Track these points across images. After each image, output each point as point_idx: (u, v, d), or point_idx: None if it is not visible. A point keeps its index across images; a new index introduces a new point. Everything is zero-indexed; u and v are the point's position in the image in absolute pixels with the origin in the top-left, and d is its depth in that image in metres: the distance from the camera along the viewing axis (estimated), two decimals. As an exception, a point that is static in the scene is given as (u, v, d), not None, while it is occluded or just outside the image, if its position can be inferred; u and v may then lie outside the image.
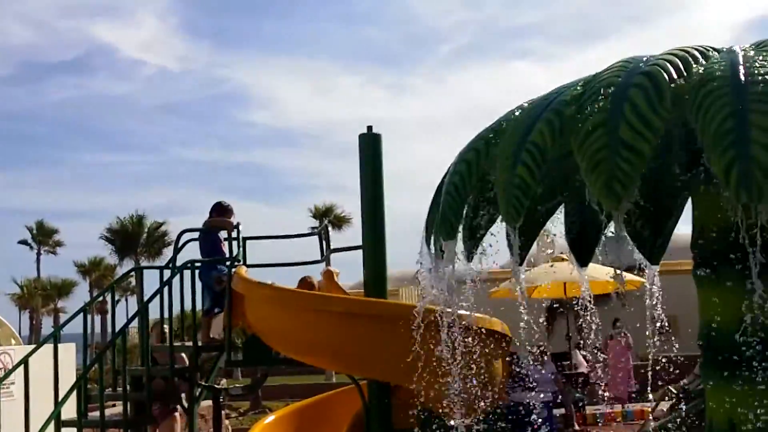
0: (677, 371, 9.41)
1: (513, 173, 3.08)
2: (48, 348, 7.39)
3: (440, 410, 6.73)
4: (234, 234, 8.58)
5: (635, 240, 3.79)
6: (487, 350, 6.37)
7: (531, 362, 14.66)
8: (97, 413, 7.83)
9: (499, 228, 4.16)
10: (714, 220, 3.43)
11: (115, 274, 56.07)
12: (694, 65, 2.86)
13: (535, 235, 4.01)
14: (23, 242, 66.18)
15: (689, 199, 3.69)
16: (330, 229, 9.87)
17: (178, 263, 8.51)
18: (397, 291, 18.72)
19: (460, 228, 3.76)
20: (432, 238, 4.12)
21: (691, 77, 2.80)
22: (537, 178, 3.09)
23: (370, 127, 7.33)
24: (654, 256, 3.87)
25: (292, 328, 7.14)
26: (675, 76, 2.80)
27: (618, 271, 4.24)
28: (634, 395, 16.25)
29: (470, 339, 6.03)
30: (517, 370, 14.29)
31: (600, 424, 14.91)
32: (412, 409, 7.10)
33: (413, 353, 6.14)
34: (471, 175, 3.46)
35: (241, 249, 8.63)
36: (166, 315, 8.09)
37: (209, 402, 16.08)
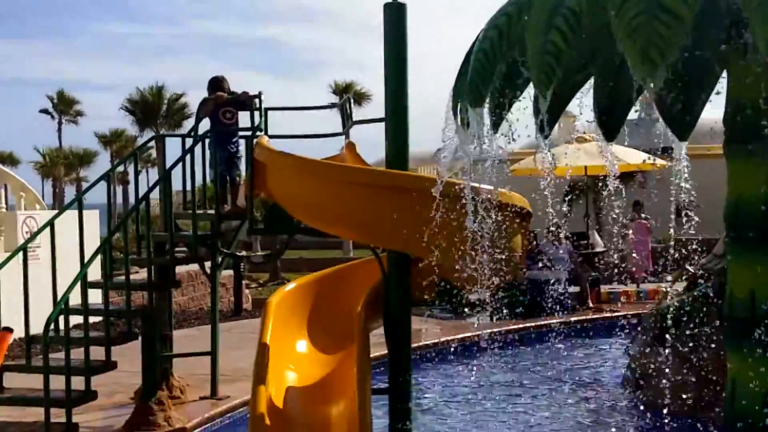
0: (696, 253, 9.49)
1: (546, 39, 3.01)
2: (72, 216, 7.49)
3: (458, 283, 6.83)
4: (255, 104, 8.55)
5: (664, 115, 3.73)
6: (507, 224, 6.40)
7: (548, 241, 14.80)
8: (122, 278, 8.00)
9: (523, 104, 4.10)
10: (749, 94, 3.37)
11: (135, 145, 56.35)
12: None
13: (562, 108, 3.95)
14: (44, 111, 66.41)
15: (722, 74, 3.61)
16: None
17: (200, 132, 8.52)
18: (416, 170, 18.74)
19: (488, 97, 3.71)
20: (458, 106, 4.08)
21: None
22: (571, 45, 3.02)
23: (394, -3, 7.15)
24: (683, 133, 3.81)
25: (314, 198, 7.17)
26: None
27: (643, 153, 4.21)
28: (652, 276, 16.44)
29: (491, 212, 6.07)
30: (535, 247, 14.47)
31: (614, 303, 15.13)
32: (431, 282, 7.21)
33: (434, 225, 6.20)
34: (501, 41, 3.39)
35: (262, 119, 8.60)
36: (188, 184, 8.14)
37: (230, 272, 16.48)
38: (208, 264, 8.88)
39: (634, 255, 15.78)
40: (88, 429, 7.07)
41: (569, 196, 22.16)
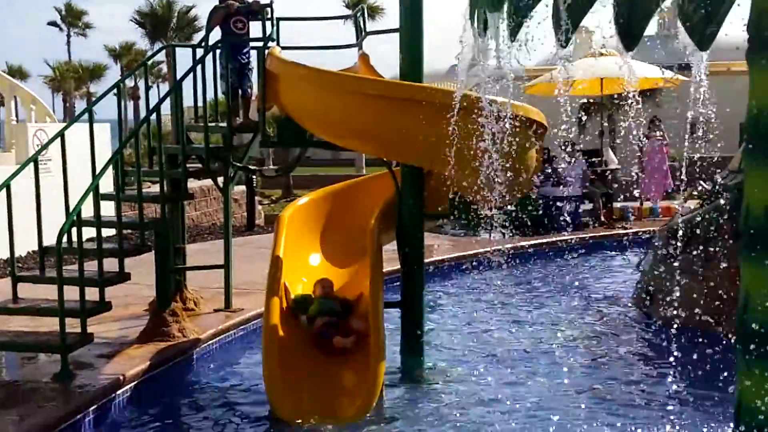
0: (711, 170, 9.39)
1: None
2: (83, 130, 7.41)
3: (472, 197, 6.79)
4: (267, 14, 8.37)
5: (686, 24, 3.61)
6: (522, 137, 6.31)
7: (562, 157, 14.68)
8: (134, 191, 7.98)
9: (541, 19, 3.97)
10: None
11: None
12: None
13: (582, 15, 3.82)
14: (53, 24, 65.70)
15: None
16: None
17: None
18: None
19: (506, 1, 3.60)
20: (476, 13, 3.96)
21: None
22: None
23: None
24: (704, 43, 3.69)
25: (328, 110, 7.08)
26: None
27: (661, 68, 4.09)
28: (668, 194, 16.35)
29: (506, 125, 5.98)
30: (549, 164, 14.38)
31: (626, 220, 15.09)
32: (444, 195, 7.18)
33: (448, 138, 6.11)
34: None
35: (274, 29, 8.44)
36: (199, 97, 8.03)
37: (243, 187, 16.50)
38: (220, 179, 8.85)
39: (643, 176, 15.67)
40: (103, 339, 7.15)
41: (584, 114, 21.96)
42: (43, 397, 5.94)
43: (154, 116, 7.56)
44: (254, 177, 16.40)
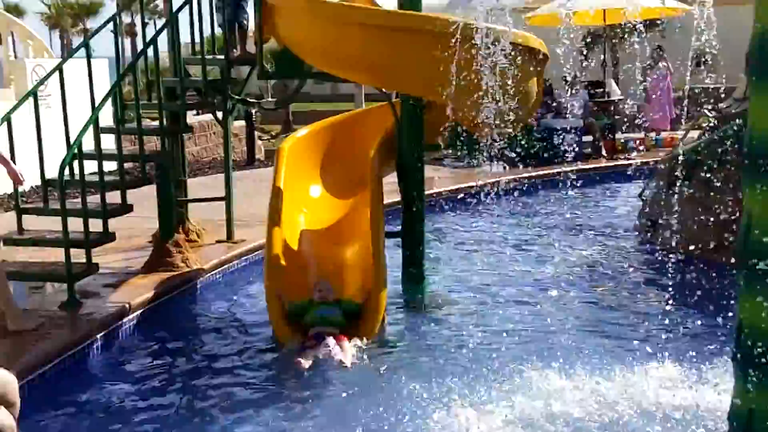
0: (715, 100, 9.36)
1: None
2: (81, 65, 7.36)
3: (472, 128, 6.78)
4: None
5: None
6: (522, 66, 6.27)
7: (564, 89, 14.61)
8: (133, 124, 7.98)
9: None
10: None
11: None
12: None
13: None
14: (46, -42, 64.60)
15: None
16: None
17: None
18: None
19: None
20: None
21: None
22: None
23: None
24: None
25: (326, 41, 7.01)
26: None
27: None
28: (671, 124, 16.29)
29: (506, 53, 5.94)
30: (550, 96, 14.31)
31: (628, 151, 15.04)
32: (443, 127, 7.16)
33: (448, 68, 6.07)
34: None
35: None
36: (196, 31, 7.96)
37: (242, 123, 16.44)
38: (220, 114, 8.83)
39: (647, 106, 15.60)
40: (108, 270, 7.23)
41: (587, 44, 21.74)
42: (52, 324, 6.05)
43: (151, 51, 7.51)
44: (253, 112, 16.34)
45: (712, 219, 7.70)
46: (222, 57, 8.42)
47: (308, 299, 6.29)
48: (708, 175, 8.00)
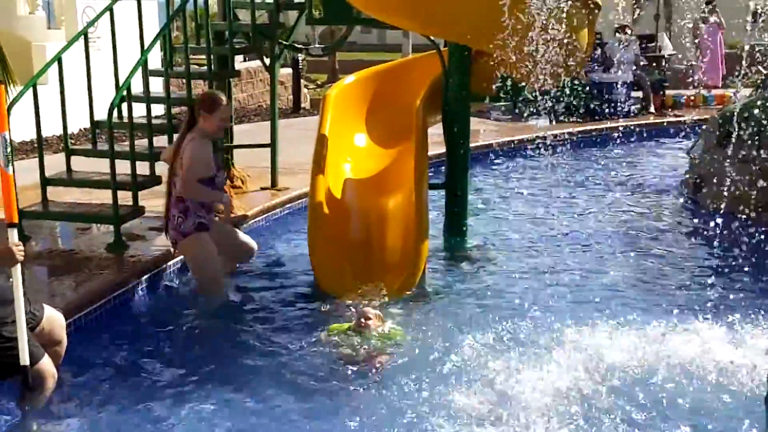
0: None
1: None
2: (131, 7, 7.31)
3: (520, 79, 6.69)
4: None
5: None
6: (573, 15, 6.15)
7: (615, 41, 14.34)
8: (181, 68, 8.00)
9: None
10: None
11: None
12: None
13: None
14: None
15: None
16: None
17: None
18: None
19: None
20: None
21: None
22: None
23: None
24: None
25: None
26: None
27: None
28: (722, 82, 15.94)
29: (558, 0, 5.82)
30: (600, 49, 14.04)
31: (679, 108, 14.78)
32: (492, 76, 7.07)
33: (498, 15, 5.97)
34: None
35: None
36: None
37: (289, 70, 16.39)
38: (267, 61, 8.80)
39: (699, 62, 15.24)
40: (154, 213, 7.29)
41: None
42: (98, 265, 6.16)
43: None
44: (300, 59, 16.28)
45: (758, 178, 7.55)
46: (271, 1, 8.38)
47: (348, 326, 5.45)
48: (759, 133, 7.83)
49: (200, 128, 5.91)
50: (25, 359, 4.24)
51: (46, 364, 4.42)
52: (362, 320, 5.31)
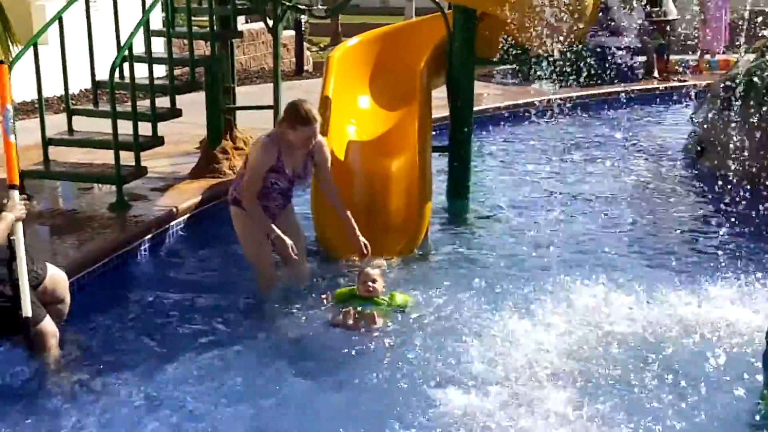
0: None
1: None
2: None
3: (525, 41, 6.65)
4: None
5: None
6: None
7: (619, 6, 14.21)
8: (183, 28, 7.93)
9: None
10: None
11: None
12: None
13: None
14: None
15: None
16: None
17: None
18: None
19: None
20: None
21: None
22: None
23: None
24: None
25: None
26: None
27: None
28: (727, 47, 15.79)
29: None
30: (605, 13, 13.92)
31: (682, 73, 14.68)
32: (496, 39, 7.03)
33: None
34: None
35: None
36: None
37: (291, 32, 16.29)
38: (270, 22, 8.73)
39: (703, 27, 15.09)
40: (156, 174, 7.31)
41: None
42: (101, 225, 6.17)
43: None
44: (303, 21, 16.16)
45: (762, 143, 7.54)
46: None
47: (353, 290, 5.35)
48: (762, 99, 7.80)
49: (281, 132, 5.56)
50: (27, 311, 4.25)
51: (47, 324, 4.44)
52: (369, 284, 5.17)
